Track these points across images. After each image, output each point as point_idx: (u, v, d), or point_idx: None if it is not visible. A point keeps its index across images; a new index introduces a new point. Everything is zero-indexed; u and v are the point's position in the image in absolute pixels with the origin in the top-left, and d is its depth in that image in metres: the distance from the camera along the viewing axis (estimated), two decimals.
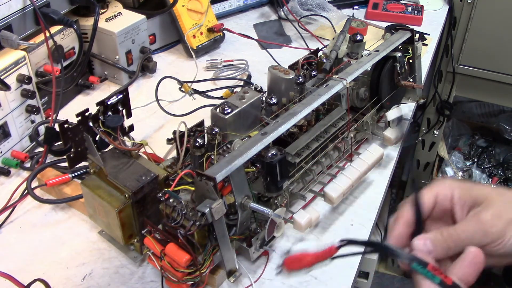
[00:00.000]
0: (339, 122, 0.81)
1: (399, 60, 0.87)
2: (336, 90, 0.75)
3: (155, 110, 0.96)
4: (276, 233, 0.66)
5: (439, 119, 1.77)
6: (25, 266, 0.69)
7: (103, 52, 1.03)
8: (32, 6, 0.83)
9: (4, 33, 0.80)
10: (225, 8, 1.32)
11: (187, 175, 0.65)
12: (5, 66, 0.79)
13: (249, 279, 0.67)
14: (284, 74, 0.81)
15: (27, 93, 0.83)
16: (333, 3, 1.33)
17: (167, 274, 0.61)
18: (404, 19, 1.32)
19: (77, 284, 0.67)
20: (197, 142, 0.67)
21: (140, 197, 0.64)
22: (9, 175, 0.83)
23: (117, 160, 0.68)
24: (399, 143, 0.89)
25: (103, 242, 0.73)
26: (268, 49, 1.18)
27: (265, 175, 0.67)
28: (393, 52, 0.86)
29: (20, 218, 0.77)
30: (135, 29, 1.04)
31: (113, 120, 0.69)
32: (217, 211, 0.56)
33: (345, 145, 0.82)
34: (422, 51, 0.98)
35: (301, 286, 0.67)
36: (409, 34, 0.89)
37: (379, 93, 0.87)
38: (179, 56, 1.18)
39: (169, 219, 0.59)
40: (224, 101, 0.74)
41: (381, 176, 0.86)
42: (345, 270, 0.70)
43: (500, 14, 1.42)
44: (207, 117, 0.74)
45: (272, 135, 0.65)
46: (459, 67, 1.58)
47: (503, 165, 1.90)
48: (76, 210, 0.78)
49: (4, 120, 0.81)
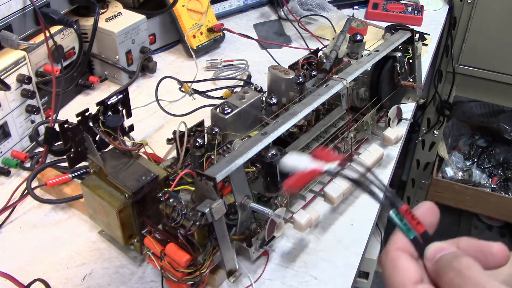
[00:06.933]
0: (339, 122, 0.81)
1: (399, 60, 0.88)
2: (336, 90, 0.75)
3: (155, 110, 0.96)
4: (276, 233, 0.66)
5: (439, 119, 1.77)
6: (25, 266, 0.69)
7: (103, 52, 1.03)
8: (32, 6, 0.83)
9: (4, 33, 0.80)
10: (225, 8, 1.32)
11: (187, 175, 0.65)
12: (5, 66, 0.79)
13: (249, 279, 0.67)
14: (284, 74, 0.81)
15: (27, 93, 0.83)
16: (333, 3, 1.33)
17: (167, 274, 0.61)
18: (404, 19, 1.32)
19: (77, 284, 0.67)
20: (197, 142, 0.67)
21: (140, 197, 0.64)
22: (9, 175, 0.83)
23: (117, 160, 0.68)
24: (399, 143, 0.89)
25: (103, 242, 0.73)
26: (268, 49, 1.18)
27: (265, 175, 0.67)
28: (393, 52, 0.86)
29: (20, 218, 0.77)
30: (135, 29, 1.04)
31: (113, 120, 0.69)
32: (217, 211, 0.56)
33: (345, 145, 0.82)
34: (422, 51, 0.98)
35: (301, 286, 0.67)
36: (409, 34, 0.89)
37: (379, 93, 0.87)
38: (179, 56, 1.18)
39: (169, 219, 0.59)
40: (224, 101, 0.74)
41: (381, 176, 0.86)
42: (345, 270, 0.70)
43: (500, 14, 1.42)
44: (207, 117, 0.74)
45: (272, 135, 0.65)
46: (459, 67, 1.58)
47: (503, 165, 1.90)
48: (76, 210, 0.78)
49: (4, 120, 0.81)
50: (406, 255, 0.35)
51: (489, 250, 0.34)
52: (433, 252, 0.35)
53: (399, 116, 0.88)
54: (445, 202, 1.85)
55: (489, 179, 1.87)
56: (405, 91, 0.96)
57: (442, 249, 0.34)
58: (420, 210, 0.37)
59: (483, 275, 0.31)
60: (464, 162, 1.91)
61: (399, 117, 0.88)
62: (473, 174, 1.88)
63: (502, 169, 1.89)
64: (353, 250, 0.73)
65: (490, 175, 1.88)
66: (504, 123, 1.91)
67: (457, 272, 0.32)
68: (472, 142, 1.96)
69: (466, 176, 1.88)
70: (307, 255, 0.72)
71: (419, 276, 0.34)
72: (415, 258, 0.35)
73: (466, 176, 1.89)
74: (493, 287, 0.30)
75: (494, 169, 1.89)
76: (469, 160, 1.92)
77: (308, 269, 0.70)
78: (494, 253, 0.34)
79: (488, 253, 0.34)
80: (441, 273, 0.33)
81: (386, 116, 0.87)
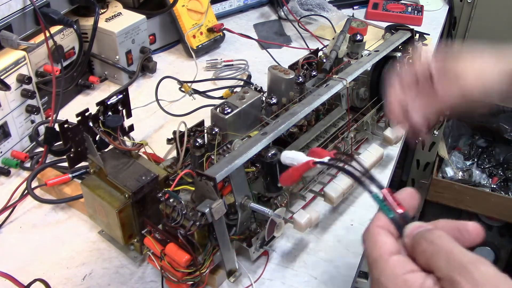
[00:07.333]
0: (339, 122, 0.81)
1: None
2: (336, 90, 0.75)
3: (155, 110, 0.96)
4: (276, 233, 0.66)
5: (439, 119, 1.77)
6: (25, 266, 0.69)
7: (103, 52, 1.03)
8: (32, 6, 0.83)
9: (4, 33, 0.80)
10: (225, 8, 1.32)
11: (187, 175, 0.65)
12: (5, 66, 0.79)
13: (249, 279, 0.67)
14: (284, 74, 0.81)
15: (27, 93, 0.83)
16: (333, 3, 1.33)
17: (167, 274, 0.61)
18: (404, 19, 1.32)
19: (77, 284, 0.67)
20: (197, 142, 0.67)
21: (140, 197, 0.64)
22: (9, 175, 0.83)
23: (117, 160, 0.68)
24: (399, 143, 0.89)
25: (103, 242, 0.73)
26: (268, 49, 1.18)
27: (265, 175, 0.67)
28: (393, 52, 0.86)
29: (20, 218, 0.77)
30: (135, 29, 1.04)
31: (113, 120, 0.69)
32: (217, 211, 0.56)
33: (345, 145, 0.82)
34: None
35: (301, 286, 0.67)
36: (409, 34, 0.89)
37: (379, 93, 0.87)
38: (179, 56, 1.18)
39: (169, 219, 0.59)
40: (224, 101, 0.74)
41: (381, 176, 0.86)
42: (345, 270, 0.70)
43: (500, 14, 1.42)
44: (207, 117, 0.74)
45: (272, 135, 0.65)
46: None
47: (503, 165, 1.90)
48: (76, 210, 0.78)
49: (4, 120, 0.81)
50: (386, 231, 0.38)
51: (464, 228, 0.37)
52: (412, 229, 0.37)
53: None
54: (445, 202, 1.85)
55: (489, 179, 1.87)
56: None
57: (420, 227, 0.37)
58: (402, 194, 0.40)
59: (451, 242, 0.34)
60: (464, 162, 1.91)
61: None
62: (473, 174, 1.88)
63: (502, 169, 1.89)
64: (353, 250, 0.72)
65: (490, 175, 1.88)
66: (504, 123, 1.91)
67: (429, 242, 0.35)
68: (472, 142, 1.96)
69: (466, 176, 1.88)
70: (307, 255, 0.72)
71: (395, 249, 0.37)
72: (394, 237, 0.38)
73: (466, 176, 1.89)
74: (460, 252, 0.33)
75: (494, 169, 1.89)
76: (469, 160, 1.92)
77: (308, 269, 0.70)
78: (469, 231, 0.37)
79: (464, 230, 0.37)
80: (416, 244, 0.36)
81: None
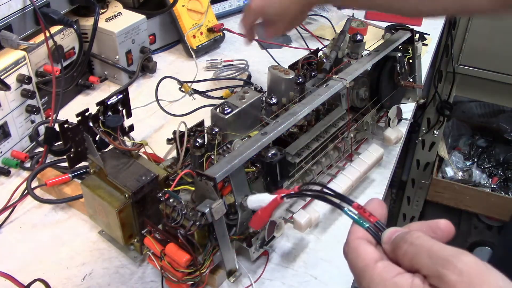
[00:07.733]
0: (339, 122, 0.81)
1: (399, 60, 0.88)
2: (336, 90, 0.75)
3: (155, 110, 0.96)
4: (276, 233, 0.66)
5: (439, 119, 1.77)
6: (25, 266, 0.69)
7: (103, 52, 1.03)
8: (32, 6, 0.83)
9: (4, 33, 0.80)
10: (225, 8, 1.32)
11: (187, 175, 0.65)
12: (5, 66, 0.79)
13: (249, 279, 0.67)
14: (284, 74, 0.81)
15: (27, 93, 0.83)
16: None
17: (167, 274, 0.61)
18: (404, 19, 1.31)
19: (77, 284, 0.67)
20: (197, 142, 0.67)
21: (140, 197, 0.64)
22: (9, 175, 0.83)
23: (117, 160, 0.68)
24: (399, 143, 0.89)
25: (103, 242, 0.73)
26: (268, 49, 1.18)
27: (265, 175, 0.67)
28: (393, 52, 0.86)
29: (20, 218, 0.77)
30: (135, 29, 1.04)
31: (113, 120, 0.69)
32: (217, 211, 0.56)
33: (345, 145, 0.82)
34: (422, 51, 0.98)
35: (301, 286, 0.67)
36: (409, 34, 0.89)
37: (379, 93, 0.87)
38: (179, 56, 1.18)
39: (169, 219, 0.59)
40: (224, 101, 0.74)
41: (381, 176, 0.86)
42: (345, 270, 0.69)
43: None
44: (207, 117, 0.74)
45: (272, 135, 0.65)
46: (459, 67, 1.58)
47: (503, 165, 1.90)
48: (76, 210, 0.78)
49: (4, 120, 0.81)
50: (365, 241, 0.39)
51: (436, 226, 0.38)
52: (389, 235, 0.38)
53: (399, 116, 0.88)
54: (445, 202, 1.85)
55: (489, 179, 1.87)
56: (405, 91, 0.96)
57: (396, 231, 0.38)
58: (370, 205, 0.41)
59: (430, 240, 0.36)
60: (464, 162, 1.91)
61: (399, 117, 0.88)
62: (473, 174, 1.88)
63: (502, 169, 1.89)
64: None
65: (490, 175, 1.88)
66: (504, 123, 1.91)
67: (409, 243, 0.36)
68: (472, 142, 1.96)
69: (466, 176, 1.89)
70: (307, 255, 0.72)
71: (378, 256, 0.38)
72: (373, 245, 0.39)
73: (466, 176, 1.89)
74: (440, 248, 0.35)
75: (494, 169, 1.89)
76: (469, 160, 1.92)
77: (308, 269, 0.70)
78: (441, 228, 0.38)
79: (436, 228, 0.38)
80: (396, 248, 0.37)
81: (386, 116, 0.87)
